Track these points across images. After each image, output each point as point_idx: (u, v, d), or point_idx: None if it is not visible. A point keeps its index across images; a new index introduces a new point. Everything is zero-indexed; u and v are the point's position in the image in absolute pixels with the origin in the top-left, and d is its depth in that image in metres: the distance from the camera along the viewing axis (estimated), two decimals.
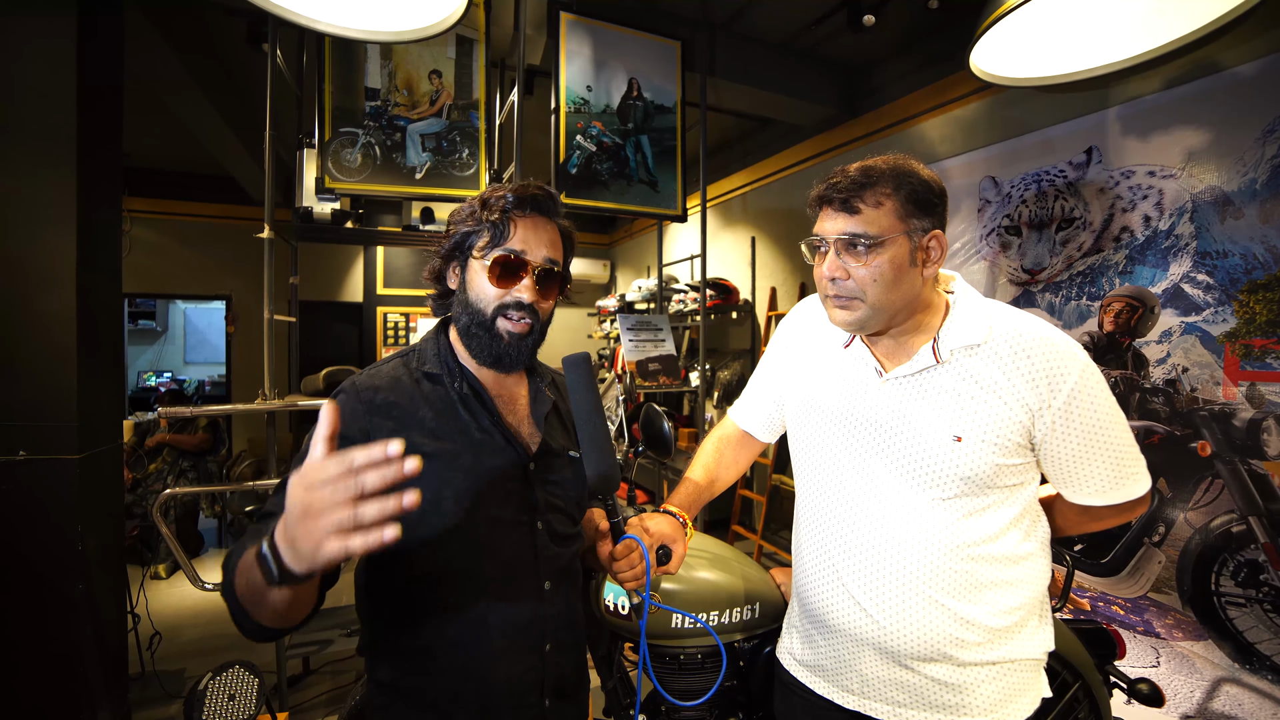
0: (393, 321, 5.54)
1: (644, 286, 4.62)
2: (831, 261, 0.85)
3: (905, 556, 0.85)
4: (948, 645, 0.85)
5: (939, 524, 0.84)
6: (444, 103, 2.44)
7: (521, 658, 0.84)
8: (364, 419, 0.80)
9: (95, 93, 1.74)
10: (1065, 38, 1.51)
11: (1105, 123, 2.21)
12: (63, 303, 1.67)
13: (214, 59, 3.11)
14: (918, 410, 0.86)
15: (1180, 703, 1.91)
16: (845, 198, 0.83)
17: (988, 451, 0.82)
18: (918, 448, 0.85)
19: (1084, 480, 0.86)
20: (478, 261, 0.84)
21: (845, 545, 0.90)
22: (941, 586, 0.84)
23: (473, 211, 0.85)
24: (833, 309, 0.88)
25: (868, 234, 0.82)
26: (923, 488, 0.85)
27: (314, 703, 2.32)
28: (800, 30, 2.99)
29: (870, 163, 0.85)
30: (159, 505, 1.98)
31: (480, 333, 0.84)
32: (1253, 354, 1.81)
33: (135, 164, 4.75)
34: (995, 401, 0.82)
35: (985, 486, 0.83)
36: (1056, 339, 0.83)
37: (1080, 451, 0.83)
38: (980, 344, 0.84)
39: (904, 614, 0.85)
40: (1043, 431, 0.83)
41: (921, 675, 0.86)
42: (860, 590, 0.88)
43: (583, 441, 0.83)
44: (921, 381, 0.87)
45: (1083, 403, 0.81)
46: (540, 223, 0.86)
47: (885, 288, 0.83)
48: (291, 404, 2.07)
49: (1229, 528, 1.85)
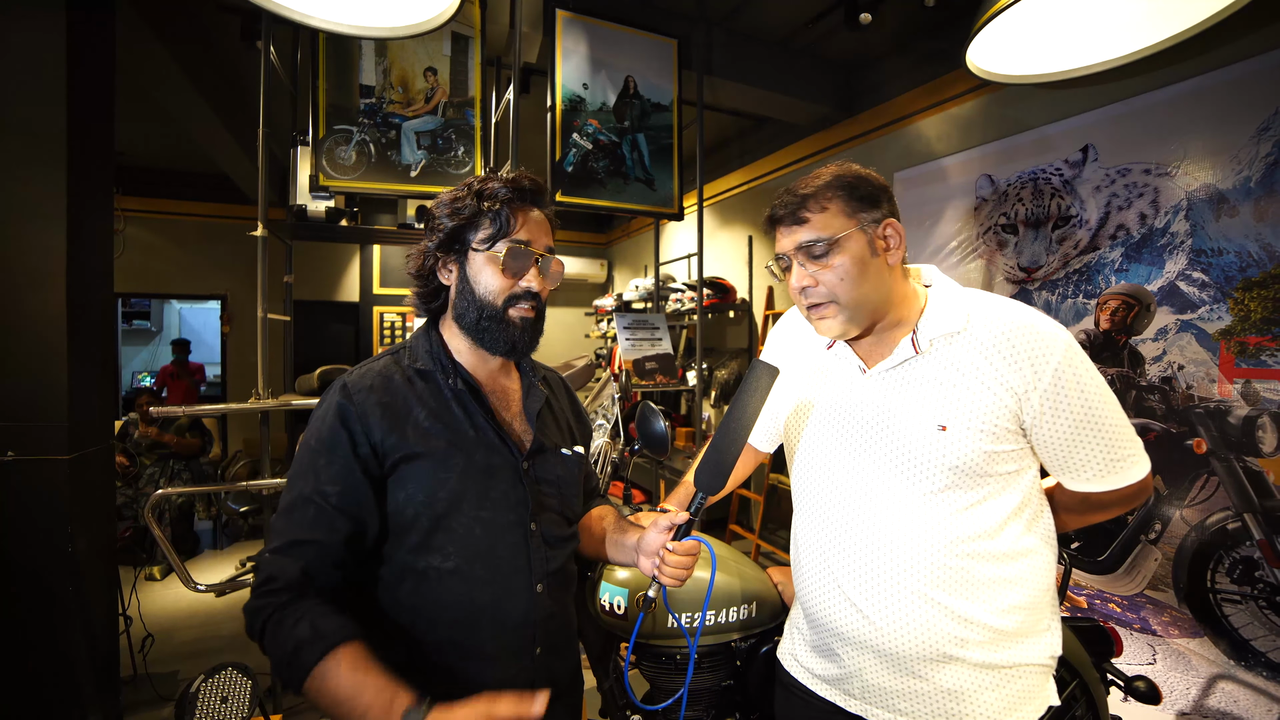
0: (389, 321, 5.51)
1: (641, 285, 4.61)
2: (798, 273, 0.86)
3: (900, 555, 0.84)
4: (948, 645, 0.83)
5: (933, 520, 0.83)
6: (439, 100, 2.43)
7: (512, 660, 0.83)
8: (359, 418, 0.79)
9: (86, 89, 1.73)
10: (1061, 36, 1.51)
11: (1101, 121, 2.21)
12: (53, 301, 1.65)
13: (208, 56, 3.08)
14: (901, 402, 0.86)
15: (1176, 699, 1.92)
16: (792, 211, 0.86)
17: (974, 438, 0.81)
18: (903, 440, 0.84)
19: (1079, 464, 0.84)
20: (481, 254, 0.84)
21: (840, 546, 0.90)
22: (938, 584, 0.83)
23: (466, 204, 0.84)
24: (815, 321, 0.89)
25: (821, 237, 0.83)
26: (912, 481, 0.84)
27: (307, 705, 2.30)
28: (797, 28, 2.99)
29: (808, 176, 0.88)
30: (151, 506, 1.96)
31: (492, 325, 0.85)
32: (1248, 351, 1.82)
33: (129, 162, 4.72)
34: (979, 388, 0.82)
35: (976, 476, 0.82)
36: (1037, 321, 0.83)
37: (1071, 434, 0.82)
38: (959, 331, 0.84)
39: (901, 614, 0.84)
40: (1031, 416, 0.82)
41: (923, 680, 0.85)
42: (856, 592, 0.87)
43: (717, 438, 0.86)
44: (903, 373, 0.87)
45: (1068, 383, 0.80)
46: (536, 213, 0.87)
47: (853, 284, 0.84)
48: (286, 403, 2.05)
49: (1224, 525, 1.85)
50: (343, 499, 0.76)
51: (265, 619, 0.70)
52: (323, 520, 0.75)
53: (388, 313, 5.51)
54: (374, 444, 0.78)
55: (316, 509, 0.75)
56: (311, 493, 0.76)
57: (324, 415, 0.80)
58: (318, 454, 0.78)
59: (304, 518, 0.75)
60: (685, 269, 4.70)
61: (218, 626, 2.99)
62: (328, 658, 0.67)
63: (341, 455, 0.77)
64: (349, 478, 0.77)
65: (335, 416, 0.79)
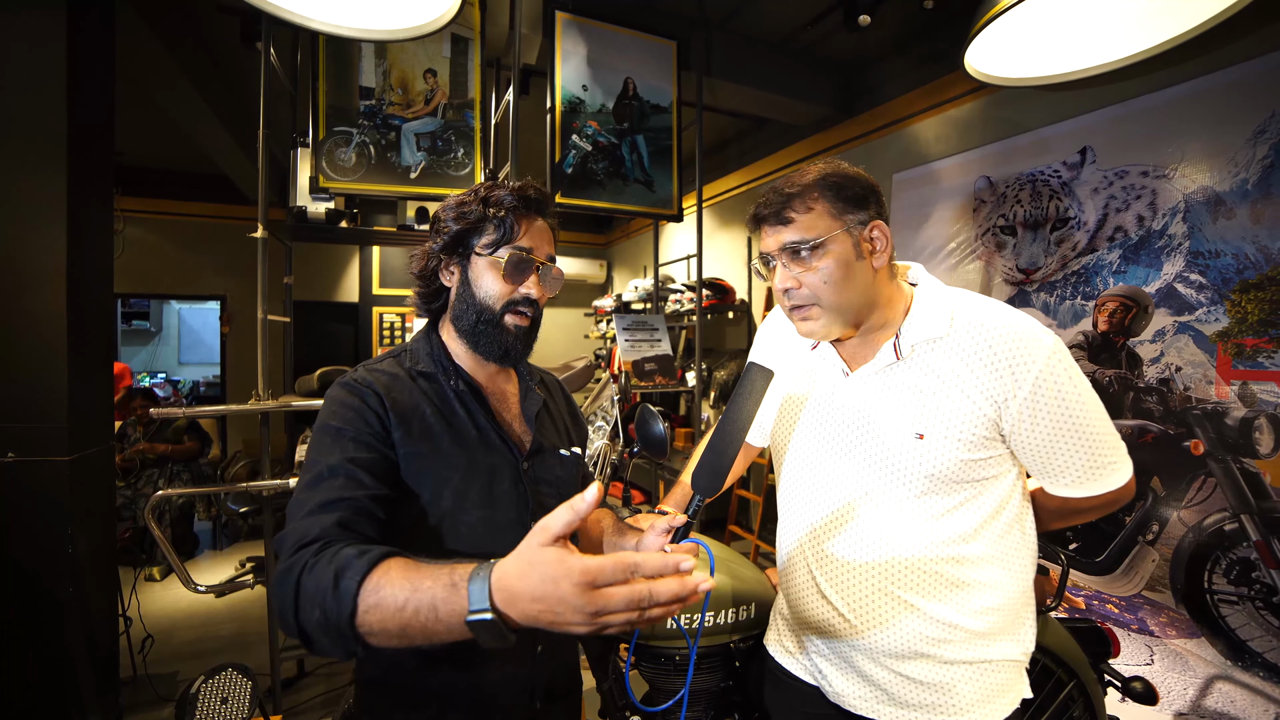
0: (388, 322, 5.51)
1: (640, 286, 4.61)
2: (781, 274, 0.85)
3: (878, 557, 0.85)
4: (924, 645, 0.84)
5: (911, 524, 0.84)
6: (439, 102, 2.43)
7: (511, 660, 0.84)
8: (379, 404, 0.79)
9: (86, 90, 1.73)
10: (1059, 38, 1.51)
11: (1099, 123, 2.21)
12: (52, 302, 1.65)
13: (208, 57, 3.09)
14: (881, 408, 0.86)
15: (1174, 700, 1.92)
16: (777, 210, 0.84)
17: (951, 447, 0.81)
18: (883, 446, 0.85)
19: (1059, 470, 0.84)
20: (484, 258, 0.85)
21: (820, 546, 0.90)
22: (914, 587, 0.84)
23: (472, 209, 0.85)
24: (797, 321, 0.88)
25: (806, 238, 0.82)
26: (891, 486, 0.84)
27: (308, 705, 2.31)
28: (796, 30, 3.00)
29: (794, 174, 0.86)
30: (152, 507, 1.96)
31: (488, 329, 0.85)
32: (1245, 353, 1.82)
33: (129, 163, 4.71)
34: (958, 395, 0.81)
35: (953, 482, 0.82)
36: (1020, 325, 0.81)
37: (1051, 440, 0.81)
38: (942, 337, 0.84)
39: (878, 615, 0.85)
40: (1011, 422, 0.81)
41: (900, 675, 0.86)
42: (834, 592, 0.88)
43: (714, 440, 0.85)
44: (885, 379, 0.87)
45: (1049, 389, 0.79)
46: (540, 222, 0.88)
47: (837, 287, 0.83)
48: (286, 405, 2.06)
49: (1221, 526, 1.86)
50: (374, 465, 0.74)
51: (300, 571, 0.61)
52: (355, 482, 0.71)
53: (387, 313, 5.51)
54: (391, 434, 0.78)
55: (347, 474, 0.71)
56: (339, 463, 0.71)
57: (343, 400, 0.78)
58: (342, 431, 0.75)
59: (335, 484, 0.70)
60: (684, 270, 4.70)
61: (217, 627, 2.99)
62: (374, 571, 0.58)
63: (369, 429, 0.76)
64: (378, 448, 0.75)
65: (357, 399, 0.78)
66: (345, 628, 0.57)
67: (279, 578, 0.63)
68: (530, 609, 0.52)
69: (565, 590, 0.49)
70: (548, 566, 0.51)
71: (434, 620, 0.55)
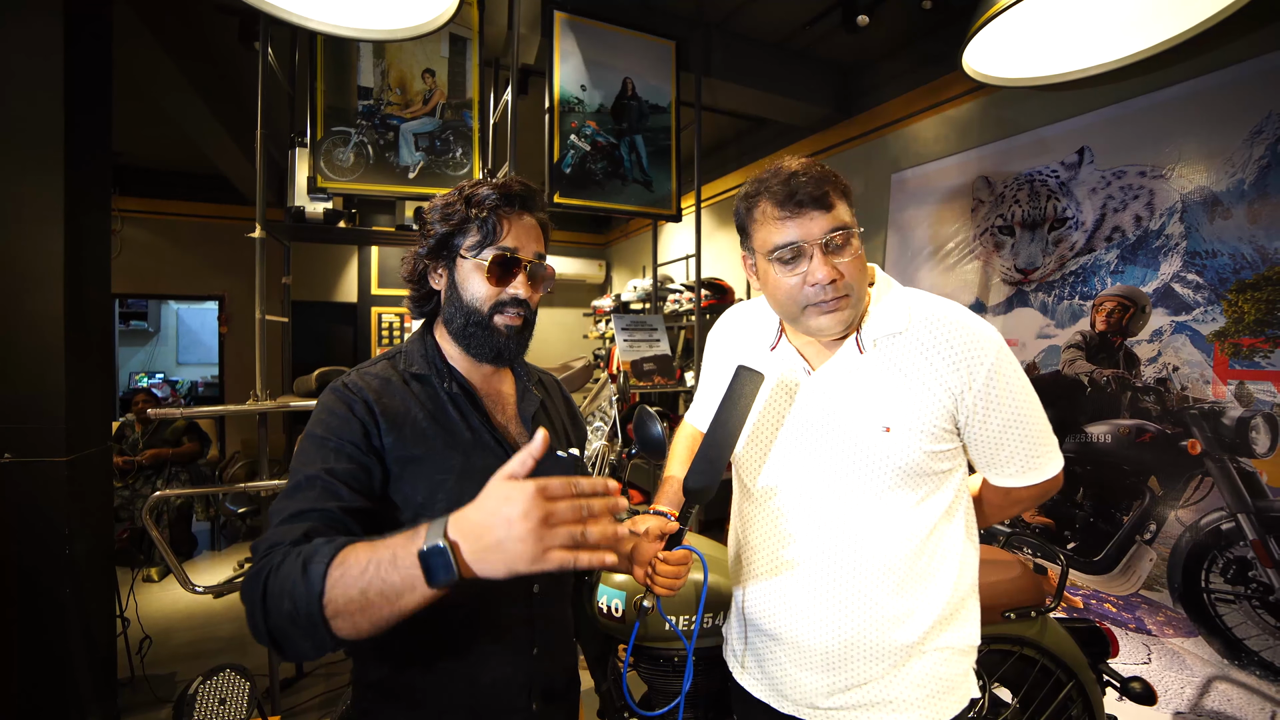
0: (387, 322, 5.51)
1: (639, 286, 4.61)
2: (821, 264, 0.78)
3: (849, 554, 0.85)
4: (879, 637, 0.84)
5: (882, 519, 0.84)
6: (437, 102, 2.43)
7: (508, 661, 0.84)
8: (366, 412, 0.79)
9: (83, 90, 1.73)
10: (1057, 38, 1.52)
11: (1097, 123, 2.22)
12: (50, 302, 1.65)
13: (205, 57, 3.08)
14: (847, 403, 0.86)
15: (1171, 699, 1.93)
16: (816, 194, 0.78)
17: (916, 439, 0.82)
18: (851, 441, 0.85)
19: (1004, 461, 0.87)
20: (469, 261, 0.84)
21: (789, 547, 0.89)
22: (879, 583, 0.84)
23: (455, 210, 0.84)
24: (821, 316, 0.81)
25: (846, 225, 0.80)
26: (863, 482, 0.84)
27: (307, 706, 2.30)
28: (795, 30, 3.00)
29: (801, 161, 0.84)
30: (149, 508, 1.96)
31: (478, 331, 0.84)
32: (1241, 353, 1.83)
33: (126, 163, 4.71)
34: (919, 388, 0.83)
35: (918, 475, 0.83)
36: (972, 322, 0.84)
37: (1000, 432, 0.84)
38: (902, 331, 0.85)
39: (839, 613, 0.85)
40: (965, 414, 0.83)
41: (851, 674, 0.86)
42: (799, 591, 0.88)
43: (705, 446, 0.84)
44: (848, 374, 0.86)
45: (1000, 383, 0.82)
46: (527, 219, 0.86)
47: (861, 278, 0.84)
48: (284, 405, 2.05)
49: (1218, 525, 1.86)
50: (352, 478, 0.74)
51: (267, 574, 0.62)
52: (329, 493, 0.72)
53: (386, 313, 5.51)
54: (379, 441, 0.78)
55: (323, 485, 0.72)
56: (318, 473, 0.73)
57: (331, 407, 0.79)
58: (325, 440, 0.76)
59: (309, 494, 0.71)
60: (683, 270, 4.70)
61: (215, 628, 2.98)
62: (341, 551, 0.60)
63: (351, 439, 0.76)
64: (359, 459, 0.76)
65: (344, 407, 0.78)
66: (315, 612, 0.58)
67: (247, 582, 0.64)
68: (484, 535, 0.56)
69: (518, 499, 0.56)
70: (503, 488, 0.58)
71: (391, 570, 0.58)
